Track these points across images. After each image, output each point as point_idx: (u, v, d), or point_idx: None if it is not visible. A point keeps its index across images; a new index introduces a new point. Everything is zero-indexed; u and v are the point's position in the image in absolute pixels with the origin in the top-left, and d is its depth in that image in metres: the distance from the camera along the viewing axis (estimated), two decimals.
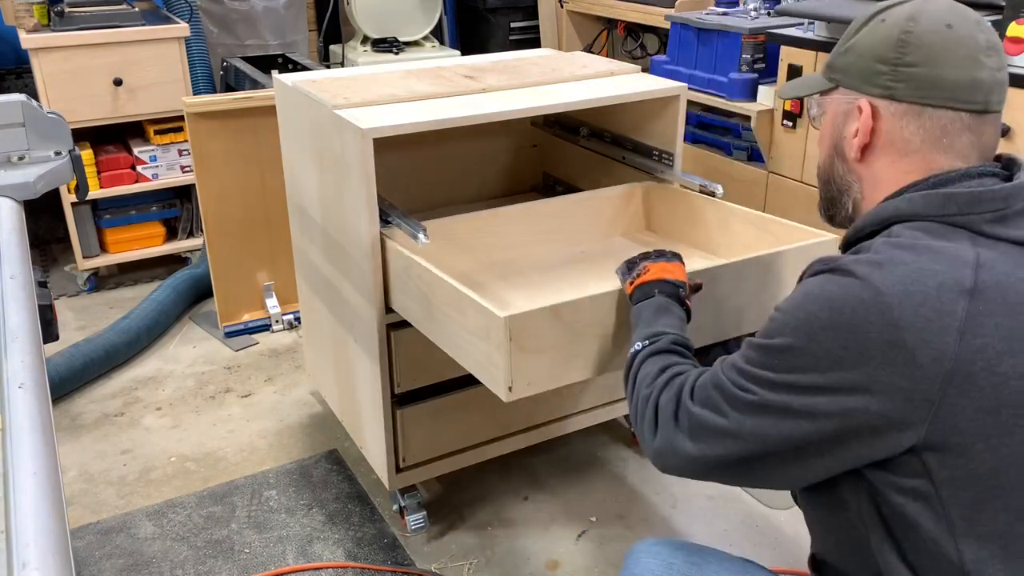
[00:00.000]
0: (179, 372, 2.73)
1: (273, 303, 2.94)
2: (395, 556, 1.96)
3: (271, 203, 2.81)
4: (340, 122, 1.74)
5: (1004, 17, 1.94)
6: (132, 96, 3.06)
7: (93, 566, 1.94)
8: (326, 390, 2.34)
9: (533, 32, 4.23)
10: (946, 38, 1.05)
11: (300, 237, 2.23)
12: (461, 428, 1.99)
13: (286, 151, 2.19)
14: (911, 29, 1.07)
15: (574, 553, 1.98)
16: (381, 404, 1.87)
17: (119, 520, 2.09)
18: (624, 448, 2.33)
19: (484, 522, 2.07)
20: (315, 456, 2.31)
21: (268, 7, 3.63)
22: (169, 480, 2.23)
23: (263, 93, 2.72)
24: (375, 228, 1.72)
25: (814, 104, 1.24)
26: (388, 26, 3.81)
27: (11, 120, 1.45)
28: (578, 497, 2.15)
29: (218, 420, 2.48)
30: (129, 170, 3.19)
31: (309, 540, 2.01)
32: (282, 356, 2.81)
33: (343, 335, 2.03)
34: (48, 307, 1.21)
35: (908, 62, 1.06)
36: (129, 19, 3.04)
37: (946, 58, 1.05)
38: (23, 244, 1.23)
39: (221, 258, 2.83)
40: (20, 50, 3.04)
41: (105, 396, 2.60)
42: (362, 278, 1.81)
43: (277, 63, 3.41)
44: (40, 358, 0.96)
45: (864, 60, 1.11)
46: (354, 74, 2.08)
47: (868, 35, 1.11)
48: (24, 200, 1.39)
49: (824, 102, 1.19)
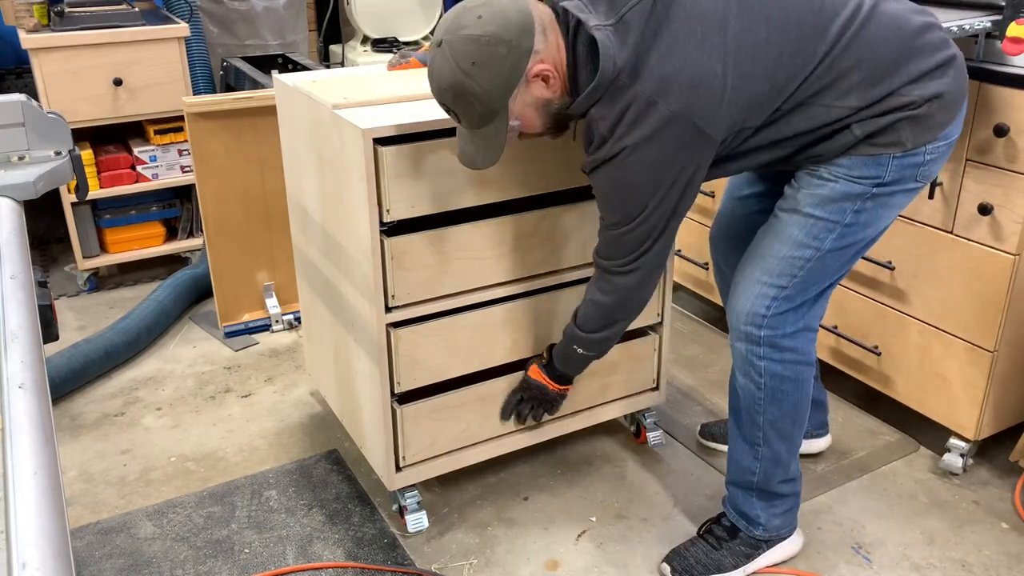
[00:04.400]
0: (179, 372, 2.73)
1: (273, 303, 2.95)
2: (395, 556, 1.96)
3: (271, 203, 2.81)
4: (340, 122, 1.74)
5: (1004, 17, 1.94)
6: (132, 96, 3.07)
7: (93, 566, 1.94)
8: (326, 390, 2.35)
9: None
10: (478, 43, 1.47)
11: (300, 237, 2.23)
12: (461, 427, 1.99)
13: (286, 151, 2.19)
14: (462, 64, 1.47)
15: (574, 553, 1.98)
16: (381, 403, 1.87)
17: (119, 520, 2.09)
18: (624, 448, 2.33)
19: (484, 522, 2.07)
20: (315, 456, 2.31)
21: (268, 7, 3.63)
22: (169, 480, 2.23)
23: (263, 93, 2.72)
24: (375, 228, 1.72)
25: (513, 128, 1.57)
26: (388, 26, 3.81)
27: (11, 120, 1.45)
28: (578, 497, 2.15)
29: (218, 420, 2.48)
30: (129, 170, 3.19)
31: (309, 540, 2.02)
32: (282, 356, 2.81)
33: (343, 335, 2.03)
34: (48, 307, 1.21)
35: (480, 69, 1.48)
36: (129, 19, 3.04)
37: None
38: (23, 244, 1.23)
39: (221, 258, 2.83)
40: (20, 50, 3.04)
41: (105, 396, 2.60)
42: (362, 278, 1.81)
43: (277, 63, 3.41)
44: (40, 358, 0.96)
45: (491, 93, 1.49)
46: (354, 74, 2.08)
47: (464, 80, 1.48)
48: (24, 200, 1.39)
49: (512, 119, 1.55)
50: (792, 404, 1.75)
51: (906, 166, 1.56)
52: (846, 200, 1.58)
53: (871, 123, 1.52)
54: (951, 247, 2.06)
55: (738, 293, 1.71)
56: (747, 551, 1.87)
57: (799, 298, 1.66)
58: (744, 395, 1.76)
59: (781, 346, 1.69)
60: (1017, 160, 1.90)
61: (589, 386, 2.13)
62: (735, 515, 1.89)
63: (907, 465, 2.27)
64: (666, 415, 2.45)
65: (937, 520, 2.07)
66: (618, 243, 1.62)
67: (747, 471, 1.83)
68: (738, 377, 1.77)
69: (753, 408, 1.76)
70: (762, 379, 1.71)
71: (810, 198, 1.60)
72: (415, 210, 1.75)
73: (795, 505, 1.89)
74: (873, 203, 1.59)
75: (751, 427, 1.78)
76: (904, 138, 1.53)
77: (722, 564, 1.86)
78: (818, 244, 1.61)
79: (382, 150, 1.66)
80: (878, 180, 1.56)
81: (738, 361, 1.75)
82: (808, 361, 1.73)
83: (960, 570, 1.93)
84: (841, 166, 1.57)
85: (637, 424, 2.34)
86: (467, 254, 1.84)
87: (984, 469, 2.24)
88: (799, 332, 1.69)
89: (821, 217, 1.60)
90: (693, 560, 1.87)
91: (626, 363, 2.16)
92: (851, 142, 1.54)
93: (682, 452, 2.32)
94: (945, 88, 1.53)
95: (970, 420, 2.13)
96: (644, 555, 1.97)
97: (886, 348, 2.26)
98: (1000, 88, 1.89)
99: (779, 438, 1.78)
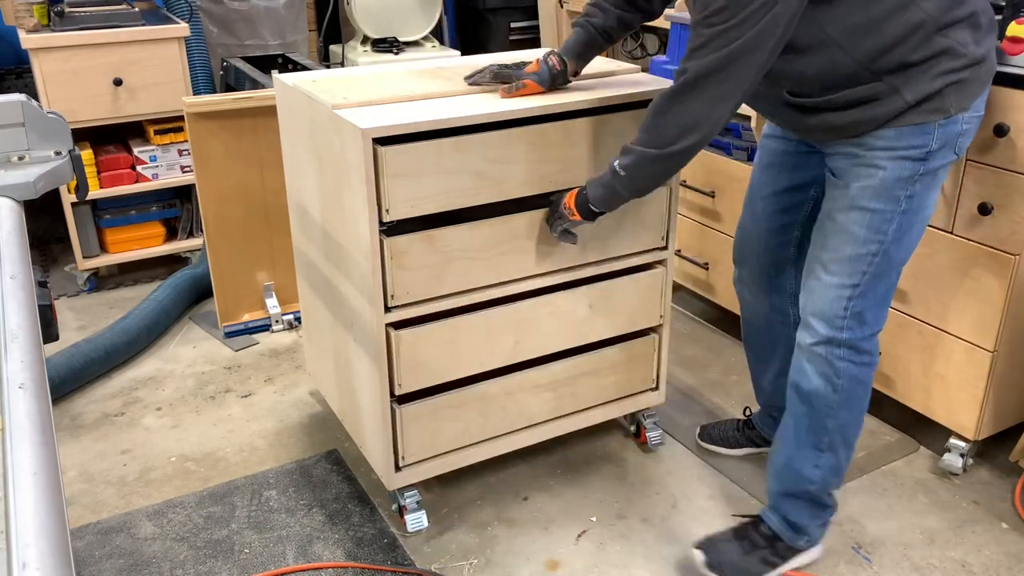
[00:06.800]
0: (179, 372, 2.73)
1: (273, 303, 2.95)
2: (395, 556, 1.96)
3: (271, 203, 2.81)
4: (340, 122, 1.74)
5: (1004, 17, 1.94)
6: (132, 96, 3.07)
7: (93, 566, 1.94)
8: (326, 390, 2.35)
9: (533, 32, 4.24)
10: None
11: (300, 237, 2.23)
12: (460, 427, 1.99)
13: (286, 151, 2.19)
14: None
15: (574, 553, 1.98)
16: (381, 403, 1.87)
17: (119, 520, 2.09)
18: (624, 448, 2.33)
19: (484, 522, 2.07)
20: (315, 456, 2.31)
21: (268, 7, 3.64)
22: (169, 480, 2.23)
23: (263, 93, 2.72)
24: (375, 228, 1.72)
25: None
26: (388, 26, 3.81)
27: (11, 120, 1.45)
28: (578, 497, 2.15)
29: (218, 420, 2.48)
30: (129, 170, 3.19)
31: (309, 540, 2.02)
32: (282, 356, 2.81)
33: (343, 335, 2.03)
34: (48, 307, 1.21)
35: None
36: (129, 19, 3.04)
37: None
38: (23, 244, 1.23)
39: (221, 258, 2.83)
40: (20, 50, 3.04)
41: (105, 396, 2.60)
42: (362, 278, 1.81)
43: (277, 63, 3.41)
44: (40, 358, 0.96)
45: None
46: (354, 74, 2.08)
47: None
48: (24, 200, 1.39)
49: None
50: (860, 409, 1.77)
51: (948, 135, 1.57)
52: (897, 186, 1.59)
53: (922, 87, 1.53)
54: (951, 247, 2.06)
55: (813, 299, 1.71)
56: (776, 560, 1.88)
57: (872, 294, 1.67)
58: (816, 399, 1.74)
59: (860, 348, 1.70)
60: (1017, 160, 1.90)
61: (589, 386, 2.13)
62: (781, 525, 1.88)
63: (907, 465, 2.27)
64: (666, 415, 2.45)
65: (937, 520, 2.07)
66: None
67: (805, 480, 1.81)
68: (811, 380, 1.74)
69: (825, 412, 1.74)
70: (840, 381, 1.71)
71: (864, 191, 1.61)
72: (415, 210, 1.75)
73: (833, 515, 1.90)
74: (921, 184, 1.60)
75: (818, 433, 1.77)
76: (949, 104, 1.55)
77: (750, 570, 1.86)
78: (881, 237, 1.62)
79: (382, 150, 1.66)
80: (926, 148, 1.57)
81: (815, 364, 1.72)
82: (877, 363, 1.75)
83: (960, 570, 1.93)
84: (886, 138, 1.57)
85: (637, 424, 2.34)
86: (467, 254, 1.84)
87: (984, 469, 2.24)
88: (874, 335, 1.72)
89: (878, 209, 1.61)
90: (726, 558, 1.87)
91: (626, 363, 2.17)
92: (900, 108, 1.54)
93: (682, 452, 2.32)
94: (988, 53, 1.57)
95: (970, 420, 2.13)
96: (644, 555, 1.97)
97: (886, 348, 2.26)
98: (1000, 88, 1.89)
99: (844, 444, 1.78)
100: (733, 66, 1.48)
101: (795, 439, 1.81)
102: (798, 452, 1.81)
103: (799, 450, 1.81)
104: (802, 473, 1.81)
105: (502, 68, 1.89)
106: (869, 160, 1.60)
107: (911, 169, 1.58)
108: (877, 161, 1.59)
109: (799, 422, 1.79)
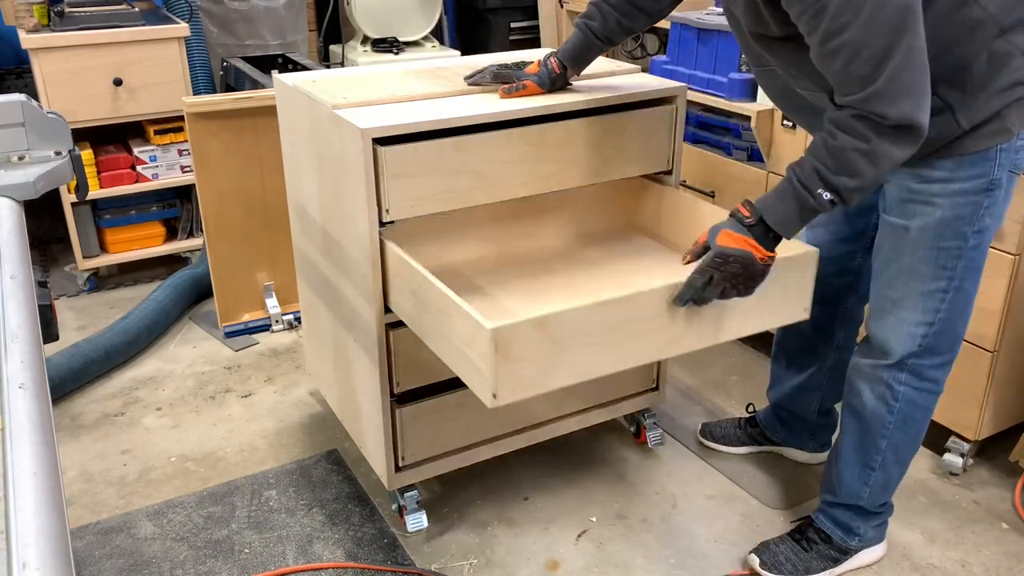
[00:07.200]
0: (179, 372, 2.73)
1: (273, 303, 2.95)
2: (395, 556, 1.96)
3: (271, 203, 2.81)
4: (340, 122, 1.74)
5: None
6: (132, 96, 3.06)
7: (93, 566, 1.94)
8: (326, 390, 2.35)
9: (533, 32, 4.23)
10: None
11: (300, 237, 2.23)
12: (461, 427, 1.99)
13: (286, 151, 2.19)
14: None
15: (574, 553, 1.98)
16: (380, 403, 1.87)
17: (119, 520, 2.09)
18: (624, 448, 2.33)
19: (484, 522, 2.07)
20: (315, 456, 2.31)
21: (268, 7, 3.63)
22: (169, 480, 2.23)
23: (263, 93, 2.72)
24: (375, 228, 1.72)
25: None
26: (388, 26, 3.81)
27: (11, 120, 1.45)
28: (578, 497, 2.15)
29: (218, 420, 2.48)
30: (129, 170, 3.19)
31: (309, 540, 2.02)
32: (282, 356, 2.81)
33: (343, 335, 2.03)
34: (48, 307, 1.21)
35: None
36: (129, 19, 3.04)
37: None
38: (23, 244, 1.23)
39: (221, 258, 2.83)
40: (20, 50, 3.04)
41: (105, 396, 2.60)
42: (362, 278, 1.81)
43: (277, 63, 3.41)
44: (40, 358, 0.96)
45: None
46: (354, 74, 2.08)
47: None
48: (24, 200, 1.39)
49: None
50: (917, 432, 1.75)
51: (1010, 157, 1.48)
52: (960, 223, 1.52)
53: (976, 109, 1.42)
54: None
55: (885, 330, 1.65)
56: (836, 555, 1.88)
57: (950, 331, 1.63)
58: (872, 417, 1.73)
59: (924, 375, 1.67)
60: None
61: (589, 386, 2.13)
62: (831, 526, 1.88)
63: None
64: (666, 415, 2.45)
65: (937, 520, 2.07)
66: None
67: (855, 495, 1.82)
68: (867, 398, 1.72)
69: (879, 431, 1.73)
70: (897, 404, 1.69)
71: (923, 233, 1.54)
72: (415, 210, 1.75)
73: (890, 516, 1.91)
74: (989, 216, 1.53)
75: (871, 451, 1.76)
76: (1011, 123, 1.44)
77: (811, 566, 1.86)
78: (950, 274, 1.57)
79: (381, 150, 1.66)
80: (988, 177, 1.48)
81: (872, 383, 1.71)
82: (941, 391, 1.71)
83: (960, 570, 1.93)
84: (943, 168, 1.48)
85: (637, 424, 2.34)
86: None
87: (984, 469, 2.24)
88: (945, 364, 1.68)
89: (944, 248, 1.54)
90: (783, 557, 1.87)
91: None
92: (955, 134, 1.44)
93: (682, 452, 2.32)
94: None
95: (970, 420, 2.13)
96: (644, 555, 1.97)
97: None
98: None
99: (897, 464, 1.77)
100: (899, 34, 1.26)
101: (846, 455, 1.80)
102: (848, 468, 1.81)
103: (849, 466, 1.80)
104: (851, 488, 1.81)
105: (502, 68, 1.89)
106: (925, 197, 1.51)
107: (973, 205, 1.50)
108: (934, 199, 1.51)
109: (854, 438, 1.78)
